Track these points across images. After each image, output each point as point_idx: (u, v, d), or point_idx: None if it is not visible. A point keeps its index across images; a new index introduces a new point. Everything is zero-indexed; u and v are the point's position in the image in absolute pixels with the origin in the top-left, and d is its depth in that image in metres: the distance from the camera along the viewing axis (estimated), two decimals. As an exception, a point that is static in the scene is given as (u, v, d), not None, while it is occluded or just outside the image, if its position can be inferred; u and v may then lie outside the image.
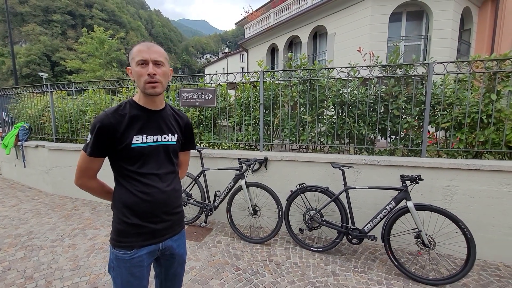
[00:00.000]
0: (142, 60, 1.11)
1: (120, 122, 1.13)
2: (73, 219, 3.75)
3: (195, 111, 4.12)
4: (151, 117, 1.22)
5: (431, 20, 9.10)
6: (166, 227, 1.26)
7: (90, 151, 1.12)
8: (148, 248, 1.21)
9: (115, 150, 1.14)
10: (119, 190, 1.20)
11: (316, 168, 3.22)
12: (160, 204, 1.22)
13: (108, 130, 1.10)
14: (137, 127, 1.16)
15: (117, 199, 1.20)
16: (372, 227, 2.67)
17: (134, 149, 1.15)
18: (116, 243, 1.18)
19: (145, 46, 1.13)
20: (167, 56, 1.23)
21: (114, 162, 1.19)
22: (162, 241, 1.26)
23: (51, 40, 59.50)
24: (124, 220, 1.17)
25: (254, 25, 15.92)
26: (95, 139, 1.11)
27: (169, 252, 1.32)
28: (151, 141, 1.20)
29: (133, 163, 1.16)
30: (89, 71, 22.33)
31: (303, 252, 2.93)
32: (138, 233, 1.18)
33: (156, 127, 1.23)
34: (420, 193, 2.85)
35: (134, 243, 1.18)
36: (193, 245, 3.04)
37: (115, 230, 1.20)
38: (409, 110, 3.05)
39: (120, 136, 1.12)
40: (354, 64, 3.22)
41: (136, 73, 1.13)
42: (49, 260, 2.72)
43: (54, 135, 4.90)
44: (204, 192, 3.46)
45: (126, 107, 1.18)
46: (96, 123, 1.10)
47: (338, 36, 10.42)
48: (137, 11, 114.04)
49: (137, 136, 1.16)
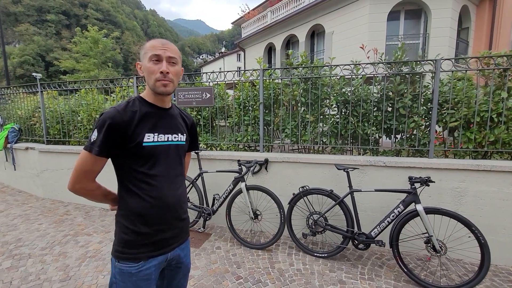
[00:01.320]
0: (156, 56, 1.05)
1: (132, 119, 1.04)
2: (64, 224, 3.57)
3: (192, 111, 3.97)
4: (162, 115, 1.14)
5: (429, 19, 9.04)
6: (175, 235, 1.17)
7: (98, 150, 1.00)
8: (157, 259, 1.11)
9: (124, 149, 1.03)
10: (126, 194, 1.08)
11: (319, 169, 3.09)
12: (171, 210, 1.13)
13: (119, 127, 1.01)
14: (149, 125, 1.08)
15: (124, 205, 1.09)
16: (379, 232, 2.54)
17: (145, 148, 1.05)
18: (121, 255, 1.06)
19: (160, 42, 1.07)
20: (181, 55, 1.14)
21: (120, 163, 1.07)
22: (171, 250, 1.16)
23: (45, 40, 58.66)
24: (131, 228, 1.06)
25: (251, 24, 15.78)
26: (104, 137, 1.00)
27: (176, 262, 1.22)
28: (163, 140, 1.11)
29: (143, 164, 1.06)
30: (83, 71, 22.00)
31: (307, 258, 2.80)
32: (146, 243, 1.07)
33: (167, 126, 1.15)
34: (428, 195, 2.73)
35: (142, 254, 1.07)
36: (192, 252, 2.89)
37: (120, 240, 1.07)
38: (415, 108, 2.93)
39: (132, 134, 1.03)
40: (357, 61, 3.09)
41: (148, 69, 1.06)
42: (38, 270, 2.55)
43: (45, 137, 4.71)
44: (202, 196, 3.31)
45: (135, 104, 1.09)
46: (106, 120, 1.00)
47: (336, 35, 10.33)
48: (132, 10, 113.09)
49: (149, 134, 1.07)
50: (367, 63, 2.99)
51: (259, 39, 14.81)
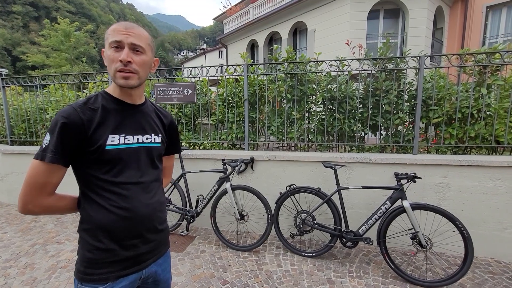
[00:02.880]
0: (117, 42, 0.88)
1: (91, 118, 0.88)
2: (32, 232, 3.27)
3: (173, 108, 3.78)
4: (129, 113, 0.97)
5: (407, 18, 9.31)
6: (150, 250, 1.01)
7: (52, 157, 0.83)
8: (128, 278, 0.95)
9: (83, 154, 0.87)
10: (89, 206, 0.91)
11: (306, 167, 3.03)
12: (143, 221, 0.97)
13: (75, 128, 0.84)
14: (113, 125, 0.92)
15: (87, 218, 0.92)
16: (367, 229, 2.52)
17: (108, 152, 0.89)
18: (86, 276, 0.90)
19: (123, 25, 0.90)
20: (152, 42, 0.97)
21: (80, 171, 0.91)
22: (145, 267, 1.00)
23: (11, 33, 54.54)
24: (96, 245, 0.90)
25: (233, 20, 15.53)
26: (58, 141, 0.83)
27: (153, 280, 1.06)
28: (130, 142, 0.95)
29: (108, 171, 0.90)
30: (54, 66, 20.64)
31: (295, 258, 2.74)
32: (114, 261, 0.92)
33: (136, 126, 0.98)
34: (413, 191, 2.75)
35: (110, 274, 0.91)
36: (174, 257, 2.73)
37: (83, 259, 0.91)
38: (400, 105, 2.94)
39: (91, 136, 0.87)
40: (343, 58, 3.06)
41: (108, 57, 0.90)
42: (1, 285, 2.29)
43: (8, 137, 4.30)
44: (185, 197, 3.15)
45: (97, 100, 0.92)
46: (59, 120, 0.83)
47: (318, 32, 10.38)
48: (108, 4, 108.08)
49: (113, 136, 0.91)
50: (352, 59, 2.96)
51: (242, 35, 14.61)
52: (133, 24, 0.93)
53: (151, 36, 0.98)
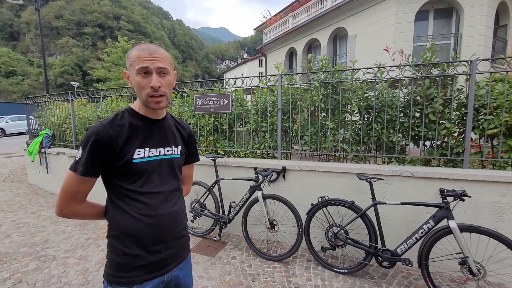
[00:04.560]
0: (144, 68, 0.95)
1: (119, 134, 0.97)
2: (88, 227, 3.71)
3: (210, 117, 3.98)
4: (153, 127, 1.07)
5: (461, 17, 8.45)
6: (172, 255, 1.09)
7: (83, 170, 0.94)
8: (152, 282, 1.03)
9: (112, 167, 0.97)
10: (117, 214, 1.01)
11: (339, 179, 2.92)
12: (166, 228, 1.05)
13: (105, 143, 0.94)
14: (139, 140, 1.01)
15: (115, 225, 1.01)
16: (406, 249, 2.32)
17: (135, 165, 0.98)
18: (114, 279, 0.99)
19: (146, 51, 0.95)
20: (171, 59, 1.05)
21: (109, 181, 1.01)
22: (168, 271, 1.08)
23: (83, 51, 63.41)
24: (124, 251, 0.99)
25: (272, 30, 15.82)
26: (89, 155, 0.93)
27: (175, 284, 1.14)
28: (154, 155, 1.04)
29: (134, 181, 0.99)
30: (113, 79, 23.31)
31: (326, 273, 2.64)
32: (140, 266, 1.00)
33: (159, 139, 1.07)
34: (463, 210, 2.46)
35: (136, 277, 1.00)
36: (206, 261, 2.85)
37: (112, 263, 1.01)
38: (447, 114, 2.68)
39: (120, 151, 0.96)
40: (382, 64, 2.91)
41: (137, 84, 0.97)
42: (60, 273, 2.64)
43: (74, 142, 4.98)
44: (219, 203, 3.27)
45: (124, 117, 1.02)
46: (90, 136, 0.93)
47: (360, 37, 9.99)
48: (160, 21, 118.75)
49: (139, 149, 1.00)
50: (392, 66, 2.81)
51: (281, 44, 14.78)
52: (154, 46, 0.98)
53: (169, 54, 1.06)
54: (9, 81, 45.98)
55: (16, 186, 5.87)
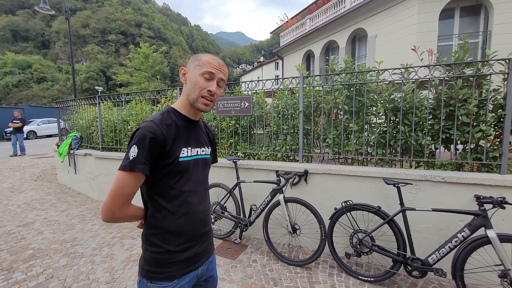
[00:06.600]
0: (210, 73, 1.03)
1: (168, 134, 1.00)
2: (113, 227, 3.83)
3: (231, 120, 4.01)
4: (192, 128, 1.12)
5: (491, 14, 8.01)
6: (203, 250, 1.14)
7: (143, 168, 0.93)
8: (189, 276, 1.08)
9: (160, 165, 0.99)
10: (158, 213, 1.03)
11: (364, 183, 2.83)
12: (201, 225, 1.11)
13: (160, 141, 0.97)
14: (184, 139, 1.07)
15: (155, 223, 1.03)
16: (438, 259, 2.20)
17: (180, 164, 1.02)
18: (154, 275, 1.02)
19: (217, 61, 1.06)
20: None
21: (154, 180, 1.01)
22: (201, 265, 1.13)
23: (107, 57, 66.42)
24: (166, 247, 1.02)
25: (289, 33, 15.78)
26: (147, 153, 0.94)
27: (205, 277, 1.19)
28: (194, 154, 1.09)
29: (177, 180, 1.03)
30: (135, 83, 24.18)
31: (350, 280, 2.55)
32: (179, 261, 1.04)
33: (196, 139, 1.13)
34: (501, 219, 2.30)
35: (176, 272, 1.04)
36: (228, 263, 2.85)
37: (151, 260, 1.03)
38: (482, 116, 2.53)
39: (170, 149, 1.00)
40: (408, 64, 2.80)
41: (197, 83, 1.03)
42: (88, 270, 2.74)
43: (100, 144, 5.19)
44: (239, 206, 3.27)
45: (169, 116, 1.06)
46: (147, 134, 0.94)
47: (380, 38, 9.73)
48: (179, 27, 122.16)
49: (184, 148, 1.05)
50: (420, 66, 2.69)
51: (298, 46, 14.70)
52: (223, 62, 1.08)
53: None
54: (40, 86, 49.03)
55: (47, 186, 6.19)
